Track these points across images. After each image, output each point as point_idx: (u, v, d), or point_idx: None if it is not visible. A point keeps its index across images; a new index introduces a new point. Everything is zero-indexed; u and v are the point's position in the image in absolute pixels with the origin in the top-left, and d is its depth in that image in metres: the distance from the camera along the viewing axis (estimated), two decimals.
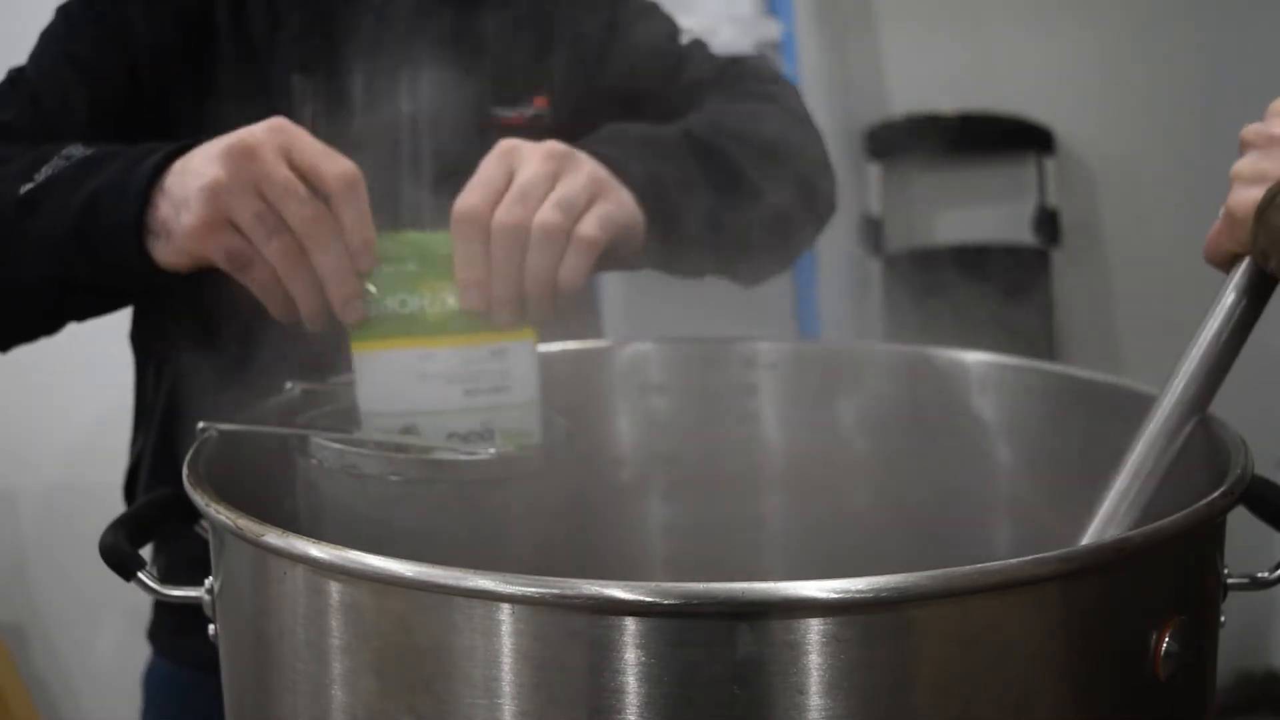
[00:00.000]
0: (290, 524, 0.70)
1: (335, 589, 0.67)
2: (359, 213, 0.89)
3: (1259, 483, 0.79)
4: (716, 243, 1.07)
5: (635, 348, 1.10)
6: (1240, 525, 0.79)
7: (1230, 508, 0.73)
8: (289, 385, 0.96)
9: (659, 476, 1.10)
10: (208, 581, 0.78)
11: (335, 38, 1.17)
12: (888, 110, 2.76)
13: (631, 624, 0.61)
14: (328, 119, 1.16)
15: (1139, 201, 2.84)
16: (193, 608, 0.79)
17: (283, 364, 0.98)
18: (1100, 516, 0.80)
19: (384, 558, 0.65)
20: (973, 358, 1.04)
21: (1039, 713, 0.65)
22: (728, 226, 1.06)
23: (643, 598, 0.61)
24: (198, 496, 0.75)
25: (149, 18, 1.15)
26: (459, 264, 0.90)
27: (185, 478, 0.78)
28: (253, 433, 0.89)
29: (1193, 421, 0.81)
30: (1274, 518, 0.81)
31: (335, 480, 0.86)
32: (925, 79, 2.76)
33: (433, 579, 0.63)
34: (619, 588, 0.61)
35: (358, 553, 0.65)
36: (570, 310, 0.94)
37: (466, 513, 0.87)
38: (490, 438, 0.91)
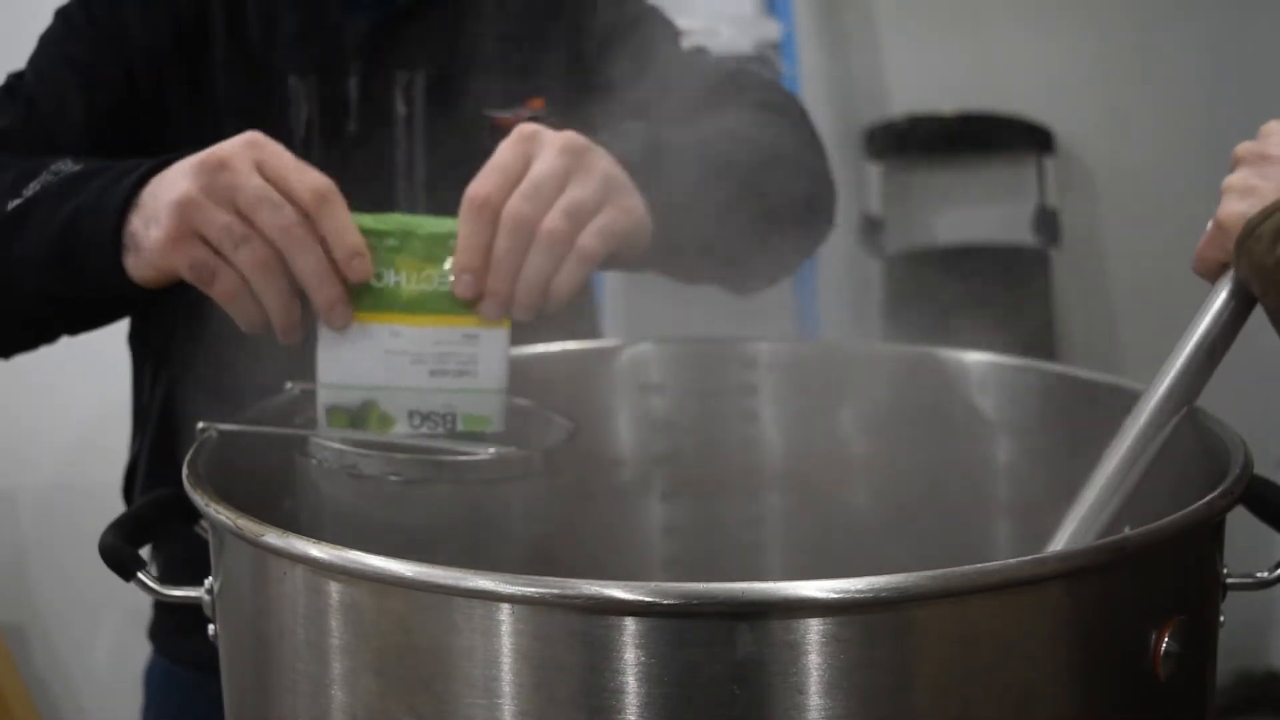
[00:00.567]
0: (290, 524, 0.70)
1: (335, 589, 0.67)
2: (338, 224, 0.88)
3: (1258, 482, 0.79)
4: (719, 253, 1.06)
5: (635, 348, 1.10)
6: (1240, 525, 0.79)
7: (1230, 508, 0.73)
8: (289, 385, 0.96)
9: (659, 476, 1.09)
10: (207, 582, 0.78)
11: (331, 40, 1.17)
12: (888, 110, 2.76)
13: (631, 624, 0.61)
14: (323, 121, 1.16)
15: (1139, 201, 2.84)
16: (193, 608, 0.79)
17: (281, 365, 0.98)
18: (1084, 505, 0.80)
19: (384, 558, 0.65)
20: (973, 358, 1.04)
21: (1039, 712, 0.65)
22: (731, 238, 1.06)
23: (642, 598, 0.61)
24: (197, 496, 0.75)
25: (145, 20, 1.15)
26: (461, 247, 0.89)
27: (185, 478, 0.78)
28: (253, 433, 0.89)
29: (1178, 416, 0.82)
30: (1273, 517, 0.81)
31: (335, 480, 0.86)
32: (925, 79, 2.76)
33: (433, 579, 0.63)
34: (619, 588, 0.61)
35: (357, 553, 0.65)
36: (568, 309, 0.93)
37: (466, 513, 0.87)
38: (451, 421, 0.91)
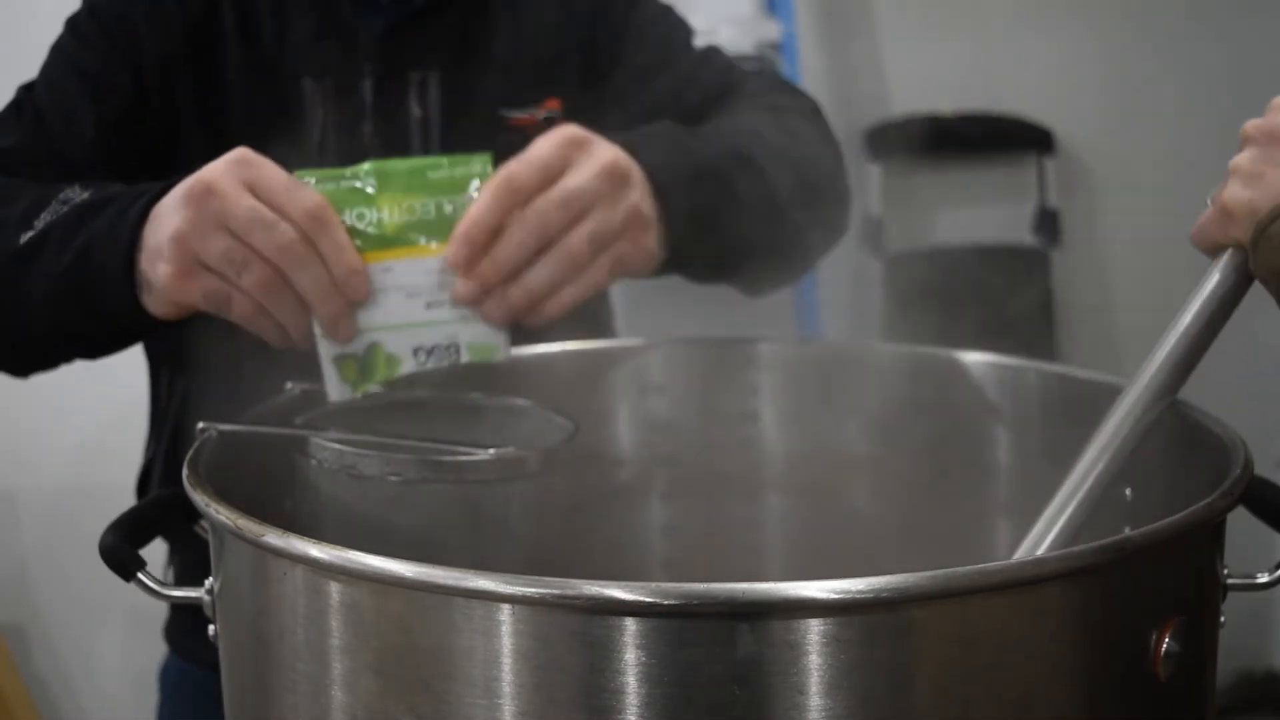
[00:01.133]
0: (290, 524, 0.70)
1: (335, 589, 0.67)
2: (334, 243, 0.87)
3: (1259, 483, 0.79)
4: (735, 258, 1.06)
5: (635, 348, 1.10)
6: (1240, 525, 0.79)
7: (1230, 508, 0.73)
8: (289, 386, 0.96)
9: (659, 476, 1.09)
10: (208, 582, 0.78)
11: (345, 42, 1.16)
12: (888, 110, 2.76)
13: (631, 624, 0.61)
14: (338, 124, 1.15)
15: (1139, 201, 2.84)
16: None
17: (294, 369, 0.98)
18: (1067, 486, 0.81)
19: (384, 558, 0.65)
20: (973, 358, 1.04)
21: (1039, 713, 0.65)
22: (751, 244, 1.05)
23: (643, 598, 0.61)
24: (197, 497, 0.75)
25: (155, 27, 1.14)
26: (472, 215, 0.88)
27: (185, 478, 0.78)
28: (253, 433, 0.89)
29: (1163, 404, 0.82)
30: (1274, 518, 0.81)
31: (335, 480, 0.87)
32: (925, 79, 2.75)
33: (433, 579, 0.63)
34: (619, 588, 0.61)
35: (357, 553, 0.65)
36: (584, 311, 0.93)
37: (466, 513, 0.87)
38: (455, 352, 0.90)
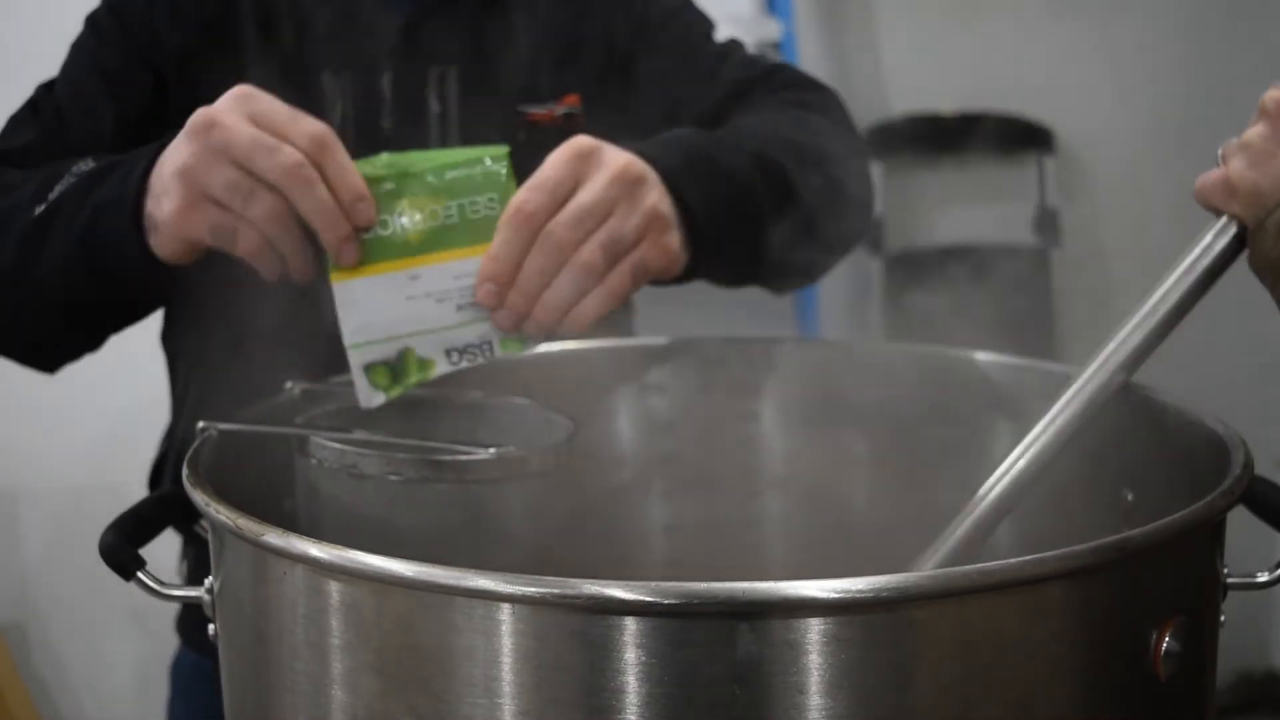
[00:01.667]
0: (290, 524, 0.70)
1: (335, 589, 0.67)
2: (340, 167, 0.88)
3: (1258, 482, 0.79)
4: (762, 258, 1.06)
5: (635, 348, 1.10)
6: (1240, 525, 0.79)
7: (1230, 507, 0.73)
8: (289, 385, 0.95)
9: (659, 476, 1.09)
10: (207, 581, 0.78)
11: (364, 36, 1.16)
12: (888, 110, 2.76)
13: (631, 624, 0.61)
14: (358, 118, 1.15)
15: (1139, 201, 2.84)
16: None
17: (300, 364, 0.98)
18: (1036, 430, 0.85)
19: (384, 557, 0.65)
20: (973, 357, 1.04)
21: (1039, 713, 0.65)
22: (775, 245, 1.05)
23: (643, 597, 0.61)
24: (197, 496, 0.75)
25: (174, 23, 1.15)
26: (492, 254, 0.89)
27: (185, 477, 0.78)
28: (253, 432, 0.89)
29: (1125, 374, 0.84)
30: (1273, 517, 0.81)
31: (335, 480, 0.86)
32: (925, 79, 2.75)
33: (433, 579, 0.63)
34: (619, 587, 0.61)
35: (357, 552, 0.65)
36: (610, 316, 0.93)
37: (466, 512, 0.87)
38: (489, 349, 0.91)
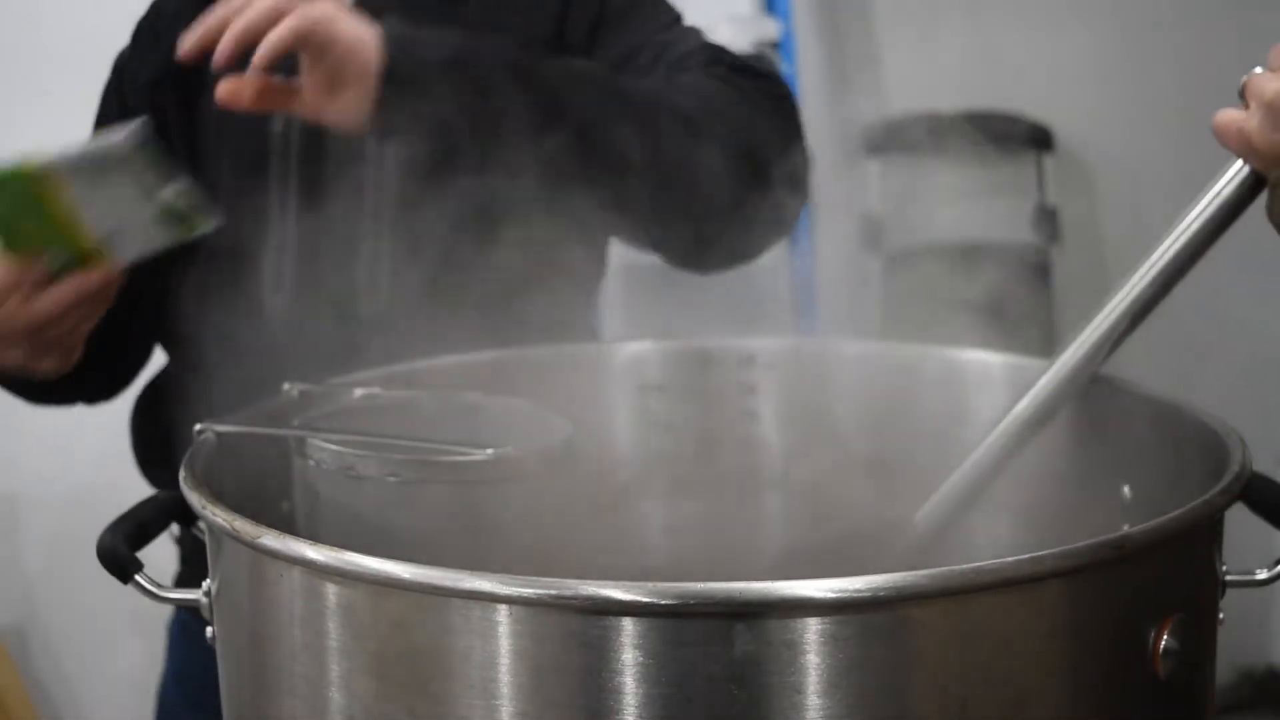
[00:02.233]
0: (287, 525, 0.70)
1: (332, 590, 0.67)
2: None
3: (1257, 480, 0.79)
4: (671, 211, 1.09)
5: (635, 348, 1.10)
6: (1239, 523, 0.79)
7: (1229, 505, 0.73)
8: (286, 386, 0.95)
9: (659, 476, 1.09)
10: (205, 583, 0.78)
11: None
12: (887, 108, 2.76)
13: (629, 624, 0.61)
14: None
15: (1139, 200, 2.84)
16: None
17: (286, 362, 0.98)
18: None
19: (381, 559, 0.65)
20: (972, 357, 1.03)
21: (1037, 712, 0.65)
22: (682, 198, 1.08)
23: (640, 598, 0.61)
24: (194, 498, 0.75)
25: (146, 74, 1.23)
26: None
27: (182, 479, 0.78)
28: (250, 434, 0.88)
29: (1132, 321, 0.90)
30: (1272, 515, 0.81)
31: (333, 481, 0.86)
32: (925, 78, 2.75)
33: (430, 580, 0.63)
34: (617, 588, 0.61)
35: (355, 554, 0.65)
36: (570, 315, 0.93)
37: (464, 513, 0.87)
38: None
